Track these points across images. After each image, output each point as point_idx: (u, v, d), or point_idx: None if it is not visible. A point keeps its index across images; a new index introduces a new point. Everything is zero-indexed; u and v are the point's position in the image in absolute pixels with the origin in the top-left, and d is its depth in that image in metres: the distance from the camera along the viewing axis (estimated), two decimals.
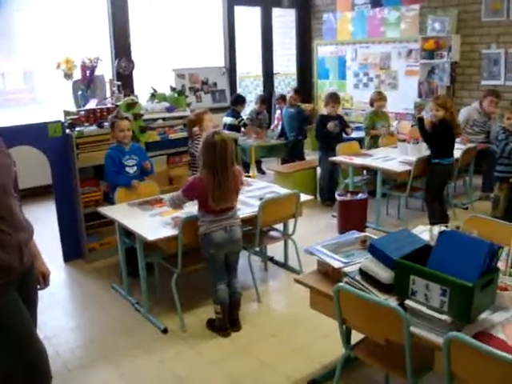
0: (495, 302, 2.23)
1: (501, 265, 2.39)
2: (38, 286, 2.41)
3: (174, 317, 3.76)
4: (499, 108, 6.76)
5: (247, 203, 3.99)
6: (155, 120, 5.23)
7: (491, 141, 6.45)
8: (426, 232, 2.85)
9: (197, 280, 4.25)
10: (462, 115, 6.69)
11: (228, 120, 7.60)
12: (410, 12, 8.40)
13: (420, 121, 5.26)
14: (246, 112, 8.24)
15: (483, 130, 6.71)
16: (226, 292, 3.57)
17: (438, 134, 5.14)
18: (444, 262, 2.15)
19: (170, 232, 3.54)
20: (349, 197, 5.33)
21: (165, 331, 3.65)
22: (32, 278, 2.32)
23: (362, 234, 2.91)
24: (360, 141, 6.84)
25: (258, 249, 4.42)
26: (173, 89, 5.65)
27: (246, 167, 7.71)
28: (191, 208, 3.75)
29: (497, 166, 5.28)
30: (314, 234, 5.04)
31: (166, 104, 5.35)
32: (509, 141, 5.12)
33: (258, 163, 8.18)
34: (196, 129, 4.62)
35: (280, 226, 4.50)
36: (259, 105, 8.04)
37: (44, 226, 4.85)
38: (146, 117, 5.11)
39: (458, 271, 2.08)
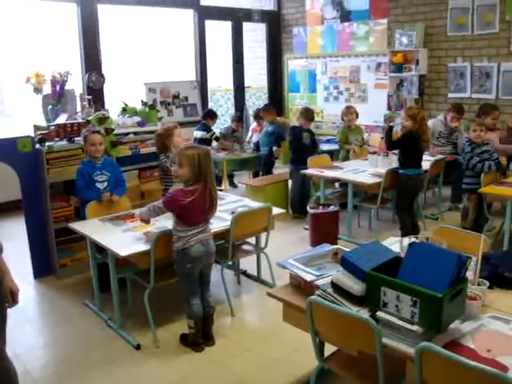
0: (465, 312, 2.26)
1: (469, 274, 2.43)
2: (7, 304, 2.37)
3: (147, 332, 3.73)
4: (466, 120, 6.91)
5: (219, 217, 3.97)
6: (126, 134, 5.22)
7: (459, 152, 6.57)
8: (396, 243, 2.89)
9: (170, 295, 4.22)
10: (428, 127, 6.79)
11: (198, 134, 7.58)
12: (379, 26, 8.57)
13: (389, 129, 5.34)
14: (219, 127, 8.28)
15: (449, 141, 6.84)
16: (200, 306, 3.56)
17: (404, 145, 5.21)
18: (414, 273, 2.19)
19: (142, 247, 3.52)
20: (320, 209, 5.36)
21: (138, 347, 3.62)
22: (0, 295, 2.29)
23: (334, 246, 2.94)
24: (331, 153, 6.91)
25: (230, 262, 4.42)
26: (144, 103, 5.65)
27: (218, 181, 7.71)
28: (163, 222, 3.74)
29: (464, 178, 5.35)
30: (287, 247, 5.05)
31: (138, 118, 5.34)
32: (474, 154, 5.20)
33: (230, 177, 8.21)
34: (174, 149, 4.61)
35: (252, 240, 4.50)
36: (235, 123, 8.06)
37: (14, 242, 4.79)
38: (117, 131, 5.08)
39: (427, 282, 2.11)
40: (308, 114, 6.47)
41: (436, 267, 2.16)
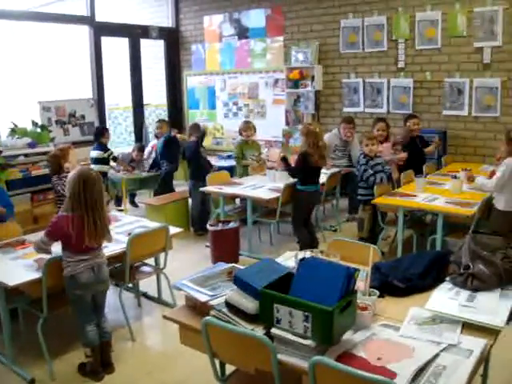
0: (356, 322, 2.31)
1: (361, 285, 2.50)
2: None
3: (42, 365, 3.54)
4: (360, 133, 7.15)
5: (116, 239, 3.86)
6: (16, 157, 5.00)
7: (354, 164, 6.78)
8: (292, 258, 2.92)
9: (65, 323, 4.03)
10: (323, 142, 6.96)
11: (94, 154, 7.29)
12: (275, 43, 8.75)
13: (283, 159, 5.41)
14: (119, 146, 8.07)
15: (345, 154, 7.05)
16: (96, 333, 3.43)
17: (298, 164, 5.29)
18: (305, 288, 2.21)
19: (33, 275, 3.36)
20: (220, 226, 5.36)
21: (32, 381, 3.43)
22: None
23: (229, 265, 2.93)
24: (231, 170, 6.93)
25: (130, 285, 4.32)
26: (35, 123, 5.44)
27: (118, 201, 7.54)
28: (56, 248, 3.59)
29: (358, 190, 5.51)
30: (188, 266, 4.99)
31: (28, 139, 5.13)
32: (368, 166, 5.39)
33: (132, 196, 8.02)
34: (68, 165, 4.46)
35: (152, 261, 4.41)
36: (137, 152, 7.85)
37: None
38: (5, 153, 4.87)
39: (318, 297, 2.14)
40: (200, 128, 6.48)
41: (326, 281, 2.19)
